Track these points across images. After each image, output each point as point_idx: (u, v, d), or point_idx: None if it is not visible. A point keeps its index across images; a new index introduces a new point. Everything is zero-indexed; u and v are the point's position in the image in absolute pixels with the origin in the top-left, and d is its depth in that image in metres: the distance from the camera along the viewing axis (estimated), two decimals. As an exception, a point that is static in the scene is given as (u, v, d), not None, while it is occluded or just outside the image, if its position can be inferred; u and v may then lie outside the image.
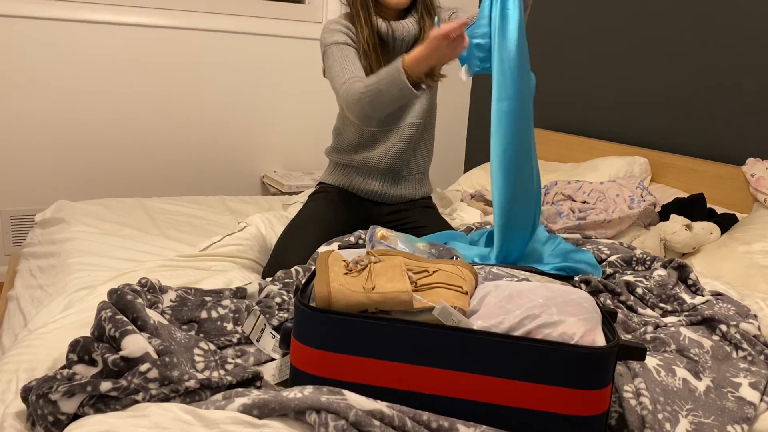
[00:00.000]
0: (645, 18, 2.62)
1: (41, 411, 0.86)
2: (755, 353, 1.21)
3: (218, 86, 2.98)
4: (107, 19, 2.70)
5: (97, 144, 2.79)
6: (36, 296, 1.55)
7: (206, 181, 3.06)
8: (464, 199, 2.38)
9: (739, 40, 2.29)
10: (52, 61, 2.64)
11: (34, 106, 2.65)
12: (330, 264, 1.01)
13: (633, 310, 1.37)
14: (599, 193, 2.15)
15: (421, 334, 0.90)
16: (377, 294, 0.94)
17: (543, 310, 0.94)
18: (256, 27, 3.00)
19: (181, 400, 0.90)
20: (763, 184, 2.08)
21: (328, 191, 1.89)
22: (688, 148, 2.48)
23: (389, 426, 0.84)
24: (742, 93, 2.29)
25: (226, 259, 1.61)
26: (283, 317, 1.19)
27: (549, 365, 0.88)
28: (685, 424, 1.00)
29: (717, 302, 1.37)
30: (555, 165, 2.76)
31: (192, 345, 1.02)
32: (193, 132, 2.98)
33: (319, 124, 3.19)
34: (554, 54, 3.05)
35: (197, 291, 1.25)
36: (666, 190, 2.36)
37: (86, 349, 0.98)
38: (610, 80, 2.78)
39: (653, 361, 1.11)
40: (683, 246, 1.83)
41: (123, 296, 1.04)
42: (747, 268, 1.70)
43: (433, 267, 1.04)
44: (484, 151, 3.53)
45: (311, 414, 0.85)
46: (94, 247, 1.68)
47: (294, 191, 2.87)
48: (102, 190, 2.85)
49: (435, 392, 0.91)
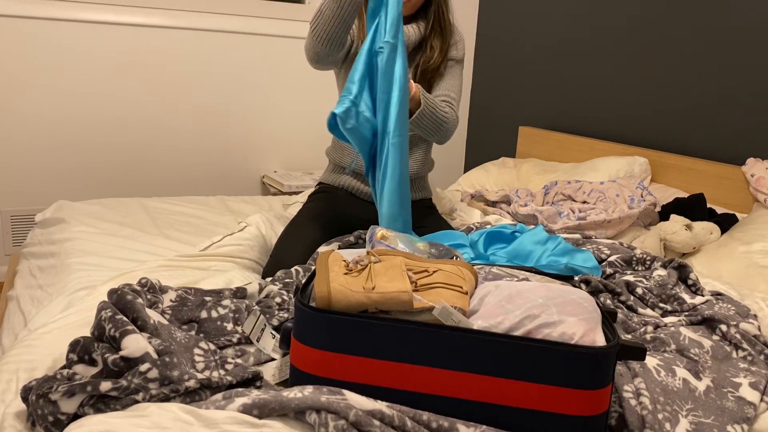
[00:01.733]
0: (645, 18, 2.62)
1: (41, 411, 0.86)
2: (755, 353, 1.21)
3: (218, 86, 2.98)
4: (107, 19, 2.70)
5: (97, 144, 2.79)
6: (36, 296, 1.55)
7: (206, 181, 3.06)
8: (464, 199, 2.39)
9: (739, 41, 2.29)
10: (52, 61, 2.64)
11: (34, 106, 2.65)
12: (330, 264, 1.01)
13: (633, 310, 1.37)
14: (599, 193, 2.15)
15: (421, 334, 0.90)
16: (377, 294, 0.94)
17: (543, 310, 0.94)
18: (256, 27, 3.00)
19: (181, 400, 0.90)
20: (763, 184, 2.08)
21: (328, 191, 1.89)
22: (688, 148, 2.48)
23: (389, 426, 0.84)
24: (742, 93, 2.29)
25: (226, 259, 1.61)
26: (283, 317, 1.19)
27: (549, 365, 0.88)
28: (685, 424, 1.00)
29: (717, 302, 1.37)
30: (555, 165, 2.76)
31: (192, 345, 1.02)
32: (193, 132, 2.98)
33: (319, 124, 3.19)
34: (554, 54, 3.05)
35: (197, 291, 1.25)
36: (666, 190, 2.36)
37: (86, 349, 0.98)
38: (610, 80, 2.78)
39: (653, 361, 1.11)
40: (683, 246, 1.83)
41: (123, 296, 1.04)
42: (747, 268, 1.70)
43: (433, 267, 1.04)
44: (483, 152, 3.53)
45: (311, 414, 0.85)
46: (94, 247, 1.68)
47: (294, 191, 2.87)
48: (102, 190, 2.85)
49: (435, 392, 0.91)
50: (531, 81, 3.20)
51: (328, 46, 1.59)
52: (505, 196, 2.29)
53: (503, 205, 2.26)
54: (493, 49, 3.42)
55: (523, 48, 3.23)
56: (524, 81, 3.24)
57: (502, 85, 3.39)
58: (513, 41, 3.29)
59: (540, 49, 3.13)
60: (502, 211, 2.22)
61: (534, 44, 3.17)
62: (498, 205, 2.28)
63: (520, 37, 3.24)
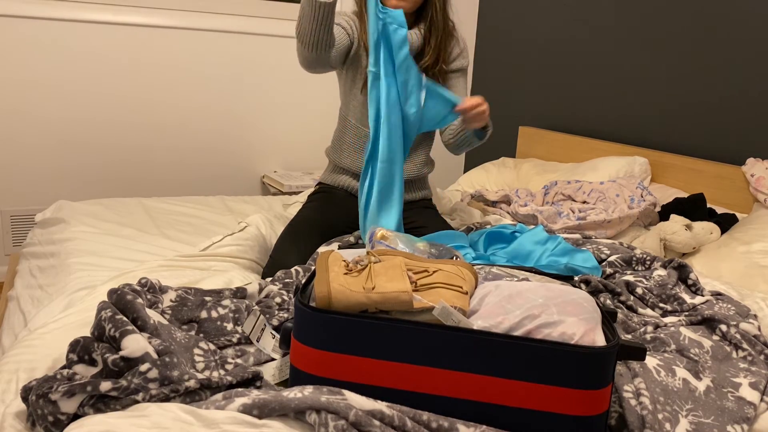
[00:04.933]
0: (645, 18, 2.62)
1: (41, 411, 0.86)
2: (755, 353, 1.21)
3: (218, 86, 2.98)
4: (107, 19, 2.70)
5: (97, 144, 2.79)
6: (36, 296, 1.55)
7: (206, 181, 3.06)
8: (464, 199, 2.38)
9: (739, 40, 2.29)
10: (52, 61, 2.64)
11: (34, 106, 2.65)
12: (330, 264, 1.01)
13: (633, 310, 1.37)
14: (599, 193, 2.15)
15: (421, 334, 0.90)
16: (377, 294, 0.94)
17: (543, 310, 0.94)
18: (256, 27, 3.00)
19: (181, 400, 0.90)
20: (763, 184, 2.08)
21: (328, 191, 1.89)
22: (688, 148, 2.48)
23: (389, 426, 0.84)
24: (742, 93, 2.29)
25: (226, 259, 1.61)
26: (283, 317, 1.19)
27: (549, 365, 0.88)
28: (685, 424, 1.00)
29: (717, 302, 1.37)
30: (555, 165, 2.76)
31: (192, 345, 1.02)
32: (193, 132, 2.98)
33: (319, 124, 3.19)
34: (554, 54, 3.05)
35: (197, 291, 1.25)
36: (666, 190, 2.36)
37: (86, 349, 0.98)
38: (610, 80, 2.78)
39: (653, 361, 1.11)
40: (683, 246, 1.83)
41: (123, 296, 1.04)
42: (747, 268, 1.70)
43: (433, 267, 1.04)
44: (484, 152, 3.53)
45: (311, 414, 0.85)
46: (94, 247, 1.68)
47: (294, 191, 2.87)
48: (102, 190, 2.85)
49: (435, 392, 0.91)
50: (531, 81, 3.20)
51: (314, 49, 1.60)
52: (505, 196, 2.29)
53: (503, 205, 2.26)
54: (493, 49, 3.42)
55: (523, 48, 3.23)
56: (524, 81, 3.24)
57: (502, 85, 3.39)
58: (513, 41, 3.29)
59: (540, 49, 3.13)
60: (502, 211, 2.22)
61: (534, 44, 3.17)
62: (498, 205, 2.28)
63: (520, 37, 3.24)
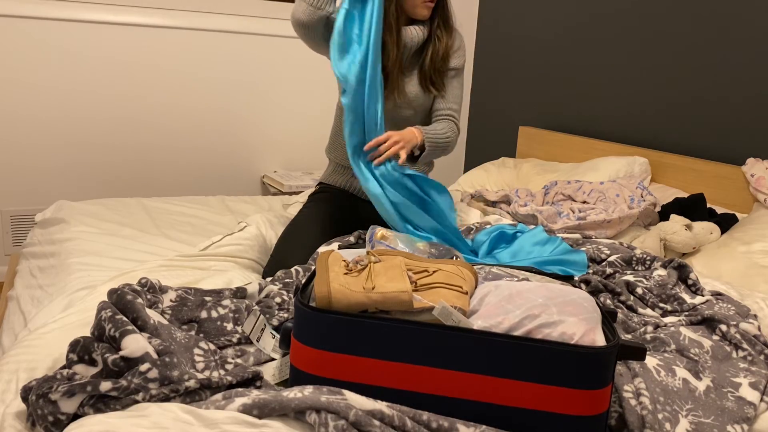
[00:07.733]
0: (645, 18, 2.62)
1: (41, 411, 0.86)
2: (755, 353, 1.21)
3: (218, 86, 2.98)
4: (107, 19, 2.70)
5: (97, 144, 2.79)
6: (36, 296, 1.55)
7: (206, 181, 3.06)
8: (464, 199, 2.38)
9: (739, 40, 2.29)
10: (52, 61, 2.64)
11: (34, 106, 2.65)
12: (330, 264, 1.01)
13: (633, 310, 1.37)
14: (599, 193, 2.15)
15: (421, 334, 0.90)
16: (377, 294, 0.94)
17: (543, 310, 0.94)
18: (256, 27, 3.00)
19: (181, 400, 0.90)
20: (763, 184, 2.08)
21: (328, 191, 1.89)
22: (688, 148, 2.48)
23: (389, 426, 0.84)
24: (742, 93, 2.29)
25: (226, 259, 1.61)
26: (283, 317, 1.19)
27: (549, 365, 0.88)
28: (685, 424, 1.00)
29: (717, 302, 1.37)
30: (555, 165, 2.76)
31: (192, 345, 1.02)
32: (193, 132, 2.98)
33: (319, 124, 3.19)
34: (554, 54, 3.05)
35: (197, 291, 1.25)
36: (666, 190, 2.36)
37: (86, 349, 0.98)
38: (610, 80, 2.78)
39: (653, 361, 1.11)
40: (683, 246, 1.83)
41: (123, 296, 1.04)
42: (747, 268, 1.70)
43: (433, 267, 1.04)
44: (483, 152, 3.53)
45: (311, 414, 0.85)
46: (94, 247, 1.68)
47: (294, 191, 2.87)
48: (102, 190, 2.84)
49: (435, 392, 0.91)
50: (531, 81, 3.20)
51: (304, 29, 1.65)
52: (505, 196, 2.29)
53: (503, 205, 2.26)
54: (493, 49, 3.42)
55: (523, 48, 3.23)
56: (524, 81, 3.24)
57: (502, 85, 3.39)
58: (513, 41, 3.29)
59: (540, 49, 3.13)
60: (502, 211, 2.21)
61: (534, 44, 3.17)
62: (498, 205, 2.28)
63: (520, 36, 3.24)
